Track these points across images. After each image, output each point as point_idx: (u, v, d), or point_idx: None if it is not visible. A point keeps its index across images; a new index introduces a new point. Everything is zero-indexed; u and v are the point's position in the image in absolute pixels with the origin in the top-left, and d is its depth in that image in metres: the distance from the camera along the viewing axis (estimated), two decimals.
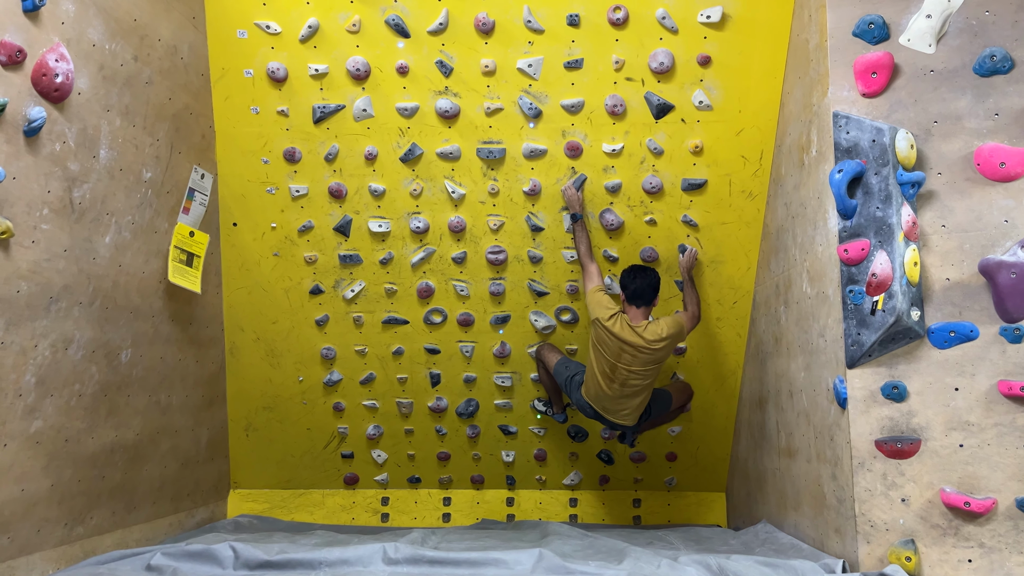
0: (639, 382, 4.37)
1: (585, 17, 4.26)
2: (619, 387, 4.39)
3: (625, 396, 4.42)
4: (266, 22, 4.31)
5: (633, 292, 4.36)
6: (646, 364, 4.33)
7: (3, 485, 3.13)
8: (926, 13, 3.25)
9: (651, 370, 4.37)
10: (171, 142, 4.10)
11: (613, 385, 4.39)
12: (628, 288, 4.38)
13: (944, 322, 3.16)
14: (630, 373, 4.34)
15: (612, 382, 4.39)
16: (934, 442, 3.15)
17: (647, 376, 4.38)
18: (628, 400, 4.44)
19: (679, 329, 4.37)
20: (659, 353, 4.32)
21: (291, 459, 5.29)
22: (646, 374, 4.36)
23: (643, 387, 4.41)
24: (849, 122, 3.30)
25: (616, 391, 4.40)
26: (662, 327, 4.32)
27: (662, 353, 4.33)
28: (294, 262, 4.81)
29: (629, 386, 4.38)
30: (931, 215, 3.21)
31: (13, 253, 3.05)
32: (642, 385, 4.40)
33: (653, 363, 4.34)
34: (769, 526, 4.18)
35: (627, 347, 4.28)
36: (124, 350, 3.85)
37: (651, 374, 4.39)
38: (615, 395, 4.42)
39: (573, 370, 4.64)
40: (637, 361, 4.31)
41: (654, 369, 4.38)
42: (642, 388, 4.41)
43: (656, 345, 4.29)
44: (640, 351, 4.29)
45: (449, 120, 4.50)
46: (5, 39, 2.93)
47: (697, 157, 4.49)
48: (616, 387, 4.39)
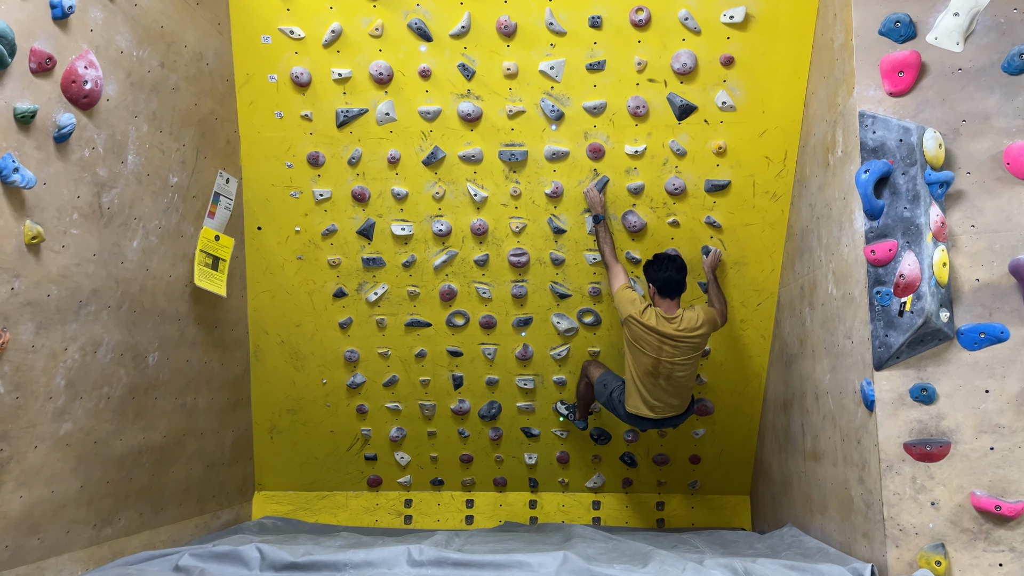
0: (684, 373, 4.33)
1: (607, 19, 4.26)
2: (665, 382, 4.33)
3: (672, 392, 4.37)
4: (290, 27, 4.34)
5: (664, 283, 4.32)
6: (687, 354, 4.29)
7: (34, 487, 3.17)
8: (953, 11, 3.21)
9: (692, 359, 4.33)
10: (197, 147, 4.14)
11: (659, 382, 4.33)
12: (656, 280, 4.33)
13: (974, 323, 3.12)
14: (674, 366, 4.29)
15: (657, 379, 4.33)
16: (964, 445, 3.11)
17: (690, 366, 4.33)
18: (677, 395, 4.39)
19: (712, 317, 4.35)
20: (698, 340, 4.29)
21: (315, 461, 5.32)
22: (688, 364, 4.32)
23: (688, 377, 4.37)
24: (875, 122, 3.26)
25: (663, 387, 4.34)
26: (698, 314, 4.30)
27: (700, 340, 4.30)
28: (318, 265, 4.84)
29: (675, 380, 4.33)
30: (960, 215, 3.17)
31: (44, 258, 3.09)
32: (687, 375, 4.35)
33: (693, 351, 4.30)
34: (795, 530, 4.14)
35: (667, 340, 4.25)
36: (151, 353, 3.90)
37: (693, 363, 4.34)
38: (664, 392, 4.35)
39: (612, 386, 4.58)
40: (679, 352, 4.27)
41: (695, 358, 4.34)
42: (688, 378, 4.37)
43: (695, 333, 4.26)
44: (680, 341, 4.25)
45: (471, 123, 4.51)
46: (35, 47, 2.97)
47: (720, 158, 4.47)
48: (662, 383, 4.33)
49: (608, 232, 4.49)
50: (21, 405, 3.05)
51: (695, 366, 4.38)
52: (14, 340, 2.97)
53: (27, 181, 2.92)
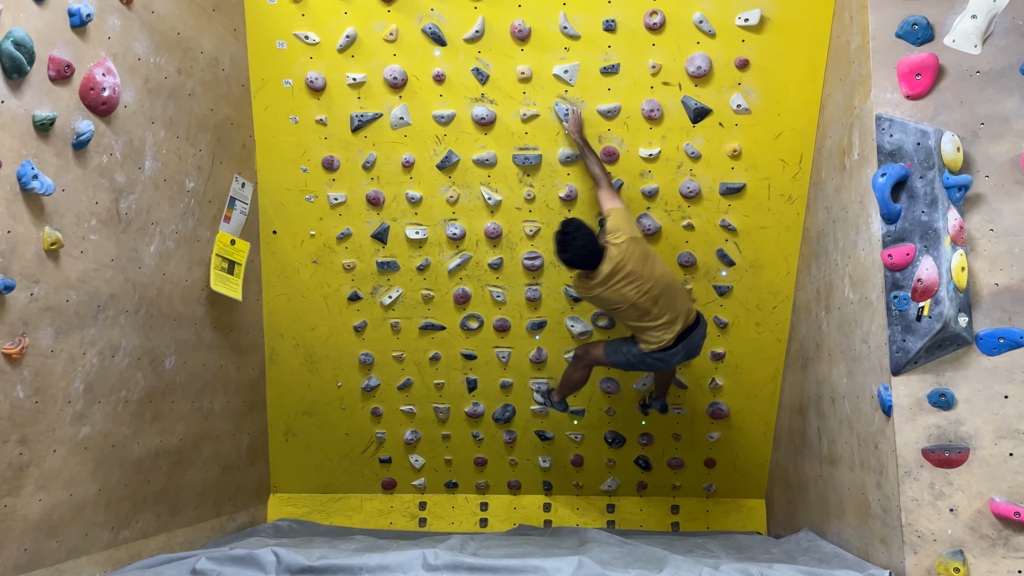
0: (657, 288, 4.18)
1: (621, 22, 4.25)
2: (655, 306, 4.19)
3: (668, 304, 4.21)
4: (305, 33, 4.36)
5: (570, 266, 4.27)
6: (634, 270, 4.13)
7: (52, 490, 3.20)
8: (971, 13, 3.19)
9: (649, 269, 4.16)
10: (213, 152, 4.17)
11: (653, 310, 4.21)
12: (563, 262, 4.26)
13: (993, 328, 3.09)
14: (645, 294, 4.17)
15: (651, 311, 4.21)
16: (983, 451, 3.08)
17: (656, 277, 4.17)
18: (672, 306, 4.23)
19: (614, 222, 4.16)
20: (627, 249, 4.12)
21: (330, 464, 5.34)
22: (653, 277, 4.16)
23: (667, 283, 4.22)
24: (892, 125, 3.24)
25: (660, 309, 4.21)
26: (613, 240, 4.13)
27: (630, 249, 4.12)
28: (333, 269, 4.86)
29: (659, 297, 4.19)
30: (979, 219, 3.15)
31: (62, 263, 3.12)
32: (663, 285, 4.19)
33: (642, 266, 4.14)
34: (811, 534, 4.12)
35: (612, 288, 4.17)
36: (168, 357, 3.92)
37: (653, 270, 4.18)
38: (664, 310, 4.21)
39: (623, 347, 4.42)
40: (625, 279, 4.15)
41: (649, 263, 4.17)
42: (668, 284, 4.22)
43: (623, 253, 4.11)
44: (617, 274, 4.14)
45: (485, 127, 4.51)
46: (54, 54, 3.00)
47: (735, 161, 4.45)
48: (655, 309, 4.20)
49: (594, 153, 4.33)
50: (40, 409, 3.08)
51: (656, 265, 4.20)
52: (33, 345, 3.00)
53: (46, 188, 2.95)
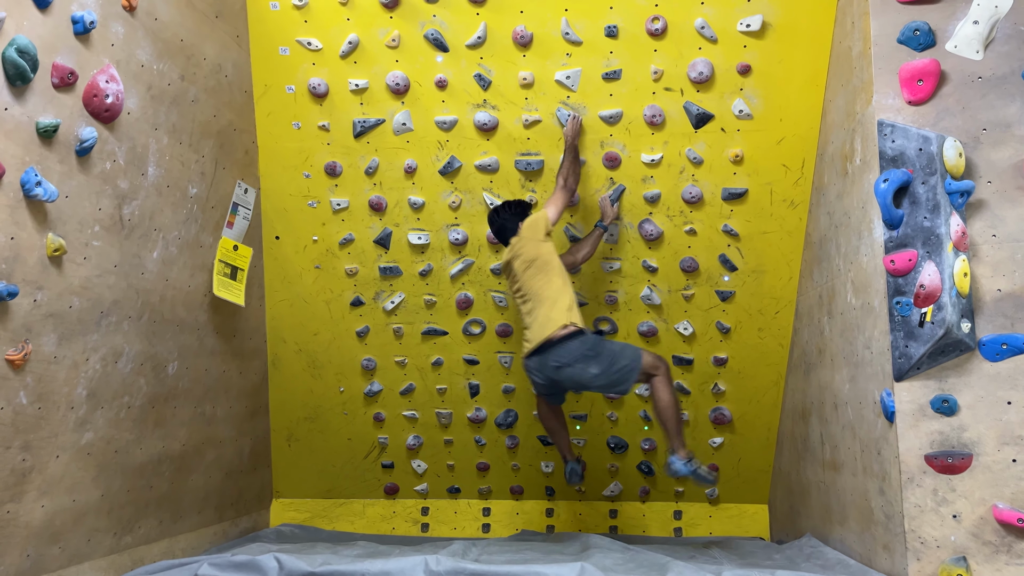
0: (519, 284, 4.27)
1: (623, 28, 4.26)
2: (523, 304, 4.28)
3: (528, 313, 4.24)
4: (307, 39, 4.37)
5: (495, 235, 4.45)
6: (515, 267, 4.25)
7: (55, 496, 3.21)
8: (973, 19, 3.19)
9: (519, 265, 4.23)
10: (216, 158, 4.18)
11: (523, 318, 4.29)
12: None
13: (996, 334, 3.09)
14: (514, 286, 4.30)
15: (520, 304, 4.32)
16: (986, 457, 3.07)
17: (521, 275, 4.24)
18: (537, 314, 4.19)
19: (528, 220, 4.26)
20: (519, 246, 4.23)
21: (332, 469, 5.34)
22: (520, 272, 4.24)
23: (531, 287, 4.21)
24: (895, 130, 3.24)
25: (524, 312, 4.27)
26: (522, 229, 4.27)
27: (521, 247, 4.22)
28: (335, 274, 4.87)
29: (524, 296, 4.25)
30: (981, 225, 3.14)
31: (66, 270, 3.13)
32: (529, 286, 4.21)
33: (520, 259, 4.23)
34: (814, 540, 4.11)
35: (504, 268, 4.36)
36: (171, 362, 3.93)
37: (522, 269, 4.23)
38: (527, 315, 4.25)
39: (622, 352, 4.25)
40: (512, 271, 4.29)
41: (525, 263, 4.22)
42: (531, 289, 4.21)
43: (515, 248, 4.25)
44: (509, 263, 4.29)
45: (487, 133, 4.52)
46: (57, 61, 3.01)
47: (737, 166, 4.45)
48: (524, 308, 4.28)
49: (571, 188, 4.36)
50: (43, 415, 3.09)
51: (538, 274, 4.21)
52: (36, 351, 3.01)
53: (49, 195, 2.96)
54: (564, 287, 4.19)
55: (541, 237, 4.22)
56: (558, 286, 4.17)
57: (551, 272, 4.19)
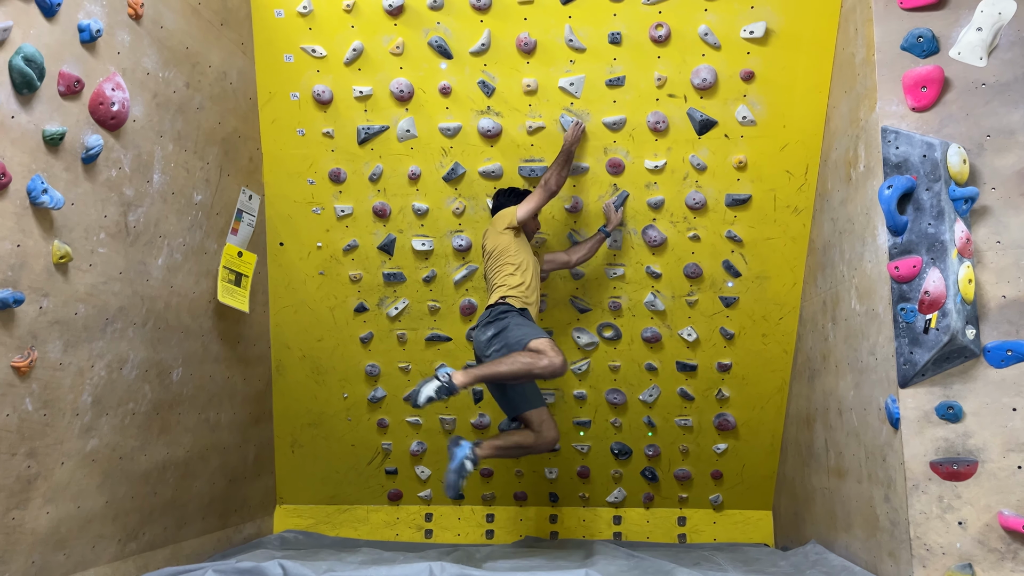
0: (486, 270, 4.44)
1: (627, 35, 4.27)
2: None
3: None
4: (312, 46, 4.39)
5: (491, 211, 4.57)
6: (484, 253, 4.41)
7: (60, 502, 3.21)
8: (976, 26, 3.19)
9: (483, 253, 4.41)
10: (220, 165, 4.19)
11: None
12: None
13: (1001, 340, 3.09)
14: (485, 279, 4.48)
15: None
16: (992, 464, 3.07)
17: (483, 261, 4.43)
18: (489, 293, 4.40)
19: (501, 213, 4.36)
20: (484, 236, 4.41)
21: (336, 475, 5.34)
22: (483, 259, 4.43)
23: (485, 273, 4.44)
24: (898, 137, 3.24)
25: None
26: (492, 221, 4.43)
27: (486, 237, 4.39)
28: (339, 281, 4.88)
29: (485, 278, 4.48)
30: (985, 231, 3.14)
31: (71, 277, 3.14)
32: (485, 271, 4.44)
33: (484, 248, 4.40)
34: (819, 547, 4.10)
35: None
36: (175, 369, 3.94)
37: (483, 257, 4.42)
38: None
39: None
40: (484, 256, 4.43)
41: (486, 253, 4.39)
42: (485, 274, 4.45)
43: (485, 236, 4.41)
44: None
45: (491, 139, 4.53)
46: (64, 70, 3.02)
47: (741, 172, 4.46)
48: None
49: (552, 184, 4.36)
50: (49, 422, 3.10)
51: (496, 259, 4.34)
52: (42, 358, 3.02)
53: (55, 202, 2.97)
54: (516, 275, 4.28)
55: (501, 229, 4.31)
56: (508, 273, 4.29)
57: (505, 261, 4.30)
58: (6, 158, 2.77)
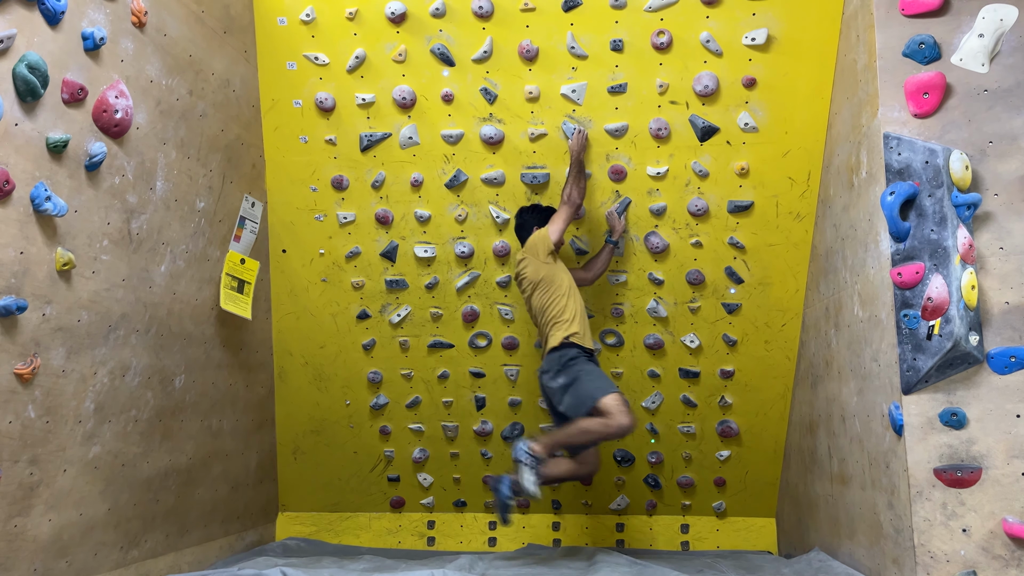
0: (528, 302, 4.42)
1: (628, 42, 4.28)
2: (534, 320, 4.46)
3: (540, 327, 4.40)
4: (314, 54, 4.40)
5: (515, 231, 4.56)
6: (522, 286, 4.39)
7: (63, 509, 3.21)
8: (978, 32, 3.20)
9: (526, 285, 4.36)
10: (223, 172, 4.20)
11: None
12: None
13: (1004, 347, 3.08)
14: (528, 308, 4.45)
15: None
16: (995, 470, 3.06)
17: (528, 296, 4.38)
18: (542, 332, 4.39)
19: (531, 239, 4.34)
20: (521, 266, 4.36)
21: (338, 482, 5.33)
22: (526, 293, 4.38)
23: (536, 307, 4.36)
24: (900, 143, 3.24)
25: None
26: (521, 254, 4.40)
27: (523, 267, 4.35)
28: (341, 287, 4.88)
29: (532, 314, 4.44)
30: (988, 237, 3.14)
31: (75, 284, 3.15)
32: (534, 305, 4.37)
33: (525, 279, 4.35)
34: (822, 554, 4.09)
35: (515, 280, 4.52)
36: (178, 376, 3.94)
37: (528, 290, 4.36)
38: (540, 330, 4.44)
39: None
40: (520, 287, 4.43)
41: (528, 284, 4.34)
42: (535, 310, 4.38)
43: (518, 266, 4.38)
44: (516, 278, 4.46)
45: (493, 146, 4.54)
46: (67, 77, 3.03)
47: (743, 179, 4.46)
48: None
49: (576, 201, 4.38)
50: (51, 429, 3.10)
51: (543, 293, 4.31)
52: (45, 365, 3.02)
53: (59, 209, 2.98)
54: (569, 304, 4.27)
55: (543, 259, 4.28)
56: (562, 305, 4.27)
57: (555, 291, 4.28)
58: (10, 165, 2.78)
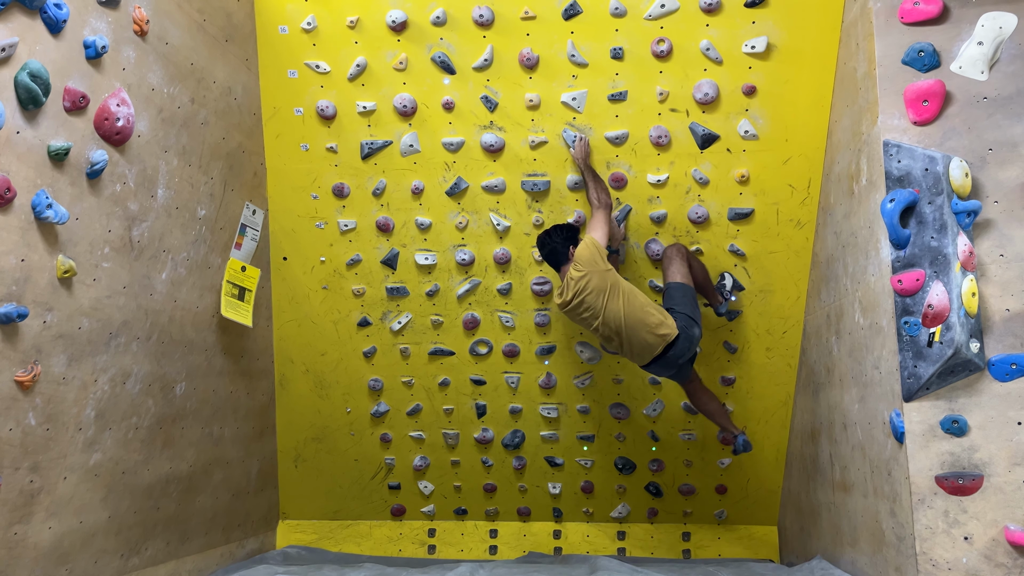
0: (599, 319, 4.27)
1: (629, 50, 4.29)
2: (619, 341, 4.32)
3: (620, 339, 4.30)
4: (316, 62, 4.42)
5: (545, 259, 4.47)
6: (594, 308, 4.24)
7: (63, 517, 3.21)
8: (977, 40, 3.20)
9: (594, 300, 4.23)
10: (224, 180, 4.21)
11: (615, 343, 4.36)
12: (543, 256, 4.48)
13: (1005, 354, 3.07)
14: (594, 322, 4.30)
15: (611, 342, 4.38)
16: (997, 478, 3.05)
17: (611, 311, 4.23)
18: (629, 341, 4.28)
19: (579, 252, 4.24)
20: (583, 283, 4.21)
21: (339, 490, 5.33)
22: (604, 310, 4.24)
23: (614, 318, 4.23)
24: (900, 151, 3.25)
25: (625, 346, 4.33)
26: (575, 263, 4.26)
27: (590, 281, 4.21)
28: (342, 295, 4.88)
29: (624, 333, 4.27)
30: (989, 244, 3.14)
31: (76, 291, 3.15)
32: (612, 317, 4.24)
33: (596, 298, 4.22)
34: (824, 563, 4.07)
35: (574, 312, 4.34)
36: (179, 383, 3.94)
37: (600, 303, 4.23)
38: (619, 342, 4.33)
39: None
40: (588, 312, 4.28)
41: (598, 296, 4.22)
42: (617, 320, 4.23)
43: (579, 284, 4.22)
44: (578, 308, 4.28)
45: (494, 154, 4.55)
46: (69, 85, 3.04)
47: (743, 186, 4.46)
48: (618, 343, 4.34)
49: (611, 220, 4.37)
50: (52, 436, 3.10)
51: (613, 301, 4.22)
52: (46, 372, 3.02)
53: (60, 217, 2.99)
54: (645, 302, 4.26)
55: (604, 267, 4.22)
56: (640, 303, 4.24)
57: (626, 293, 4.24)
58: (11, 173, 2.79)
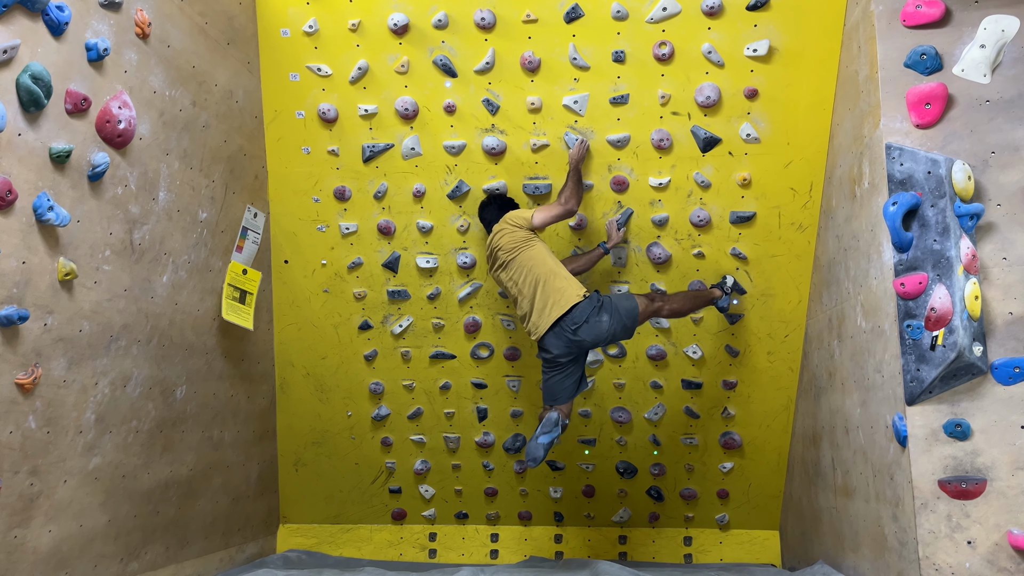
0: (508, 275, 4.33)
1: (630, 53, 4.29)
2: (517, 300, 4.36)
3: (524, 296, 4.30)
4: (317, 65, 4.42)
5: (480, 217, 4.55)
6: (500, 258, 4.31)
7: (63, 521, 3.20)
8: (980, 43, 3.20)
9: (505, 256, 4.29)
10: (226, 183, 4.21)
11: (520, 309, 4.37)
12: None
13: (1008, 357, 3.06)
14: (505, 279, 4.35)
15: (517, 306, 4.39)
16: (1000, 482, 3.04)
17: (509, 263, 4.30)
18: (535, 301, 4.26)
19: (514, 214, 4.31)
20: (498, 238, 4.29)
21: (339, 494, 5.31)
22: (506, 260, 4.30)
23: (519, 273, 4.28)
24: (903, 154, 3.24)
25: (524, 309, 4.33)
26: (498, 226, 4.34)
27: (500, 237, 4.29)
28: (343, 298, 4.88)
29: (516, 284, 4.31)
30: (991, 247, 3.13)
31: (76, 294, 3.14)
32: (517, 272, 4.28)
33: (502, 250, 4.28)
34: (827, 567, 4.06)
35: (489, 262, 4.42)
36: (179, 387, 3.93)
37: (509, 259, 4.29)
38: (524, 302, 4.33)
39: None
40: (496, 264, 4.35)
41: (508, 253, 4.28)
42: (520, 275, 4.28)
43: (495, 240, 4.31)
44: (490, 254, 4.37)
45: (496, 157, 4.54)
46: (71, 88, 3.04)
47: (745, 190, 4.46)
48: (521, 306, 4.35)
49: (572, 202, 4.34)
50: (52, 440, 3.09)
51: (528, 261, 4.26)
52: (46, 375, 3.02)
53: (61, 219, 2.98)
54: (556, 264, 4.29)
55: (523, 226, 4.28)
56: (551, 265, 4.26)
57: (539, 253, 4.27)
58: (13, 175, 2.78)
